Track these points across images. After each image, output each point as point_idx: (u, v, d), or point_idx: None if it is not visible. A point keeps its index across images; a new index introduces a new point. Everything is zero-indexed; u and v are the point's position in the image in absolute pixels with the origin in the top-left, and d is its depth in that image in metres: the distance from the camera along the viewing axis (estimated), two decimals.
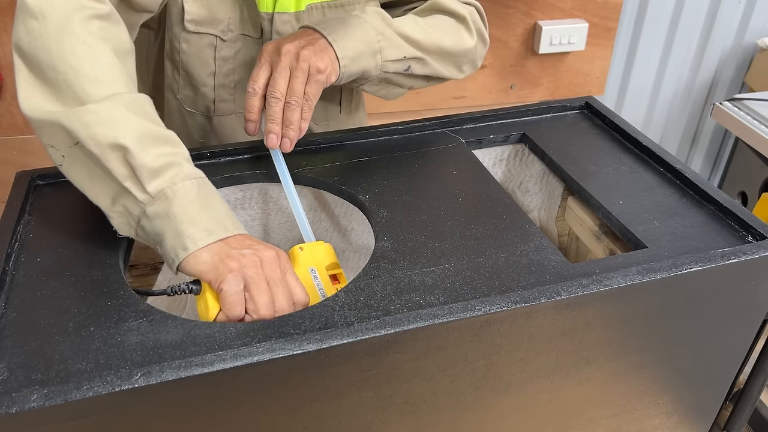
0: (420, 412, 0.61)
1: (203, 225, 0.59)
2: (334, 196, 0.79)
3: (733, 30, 1.97)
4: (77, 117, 0.60)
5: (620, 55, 1.95)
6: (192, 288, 0.60)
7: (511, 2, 1.72)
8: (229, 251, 0.59)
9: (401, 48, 0.81)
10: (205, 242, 0.59)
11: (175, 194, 0.60)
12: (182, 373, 0.50)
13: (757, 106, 1.61)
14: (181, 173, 0.61)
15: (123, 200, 0.61)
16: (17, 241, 0.66)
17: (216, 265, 0.58)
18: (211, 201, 0.62)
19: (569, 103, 0.94)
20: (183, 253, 0.59)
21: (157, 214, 0.60)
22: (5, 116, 1.54)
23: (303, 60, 0.73)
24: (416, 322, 0.55)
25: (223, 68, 0.86)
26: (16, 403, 0.48)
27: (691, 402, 0.76)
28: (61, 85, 0.61)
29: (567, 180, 0.80)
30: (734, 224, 0.70)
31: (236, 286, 0.57)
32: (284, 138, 0.74)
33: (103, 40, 0.64)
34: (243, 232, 0.62)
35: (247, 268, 0.58)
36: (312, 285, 0.66)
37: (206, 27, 0.82)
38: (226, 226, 0.61)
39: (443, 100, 1.82)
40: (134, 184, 0.60)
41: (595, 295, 0.60)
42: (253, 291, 0.58)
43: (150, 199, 0.60)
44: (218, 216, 0.61)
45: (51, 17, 0.62)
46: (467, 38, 0.88)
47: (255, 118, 0.75)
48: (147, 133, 0.61)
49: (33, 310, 0.57)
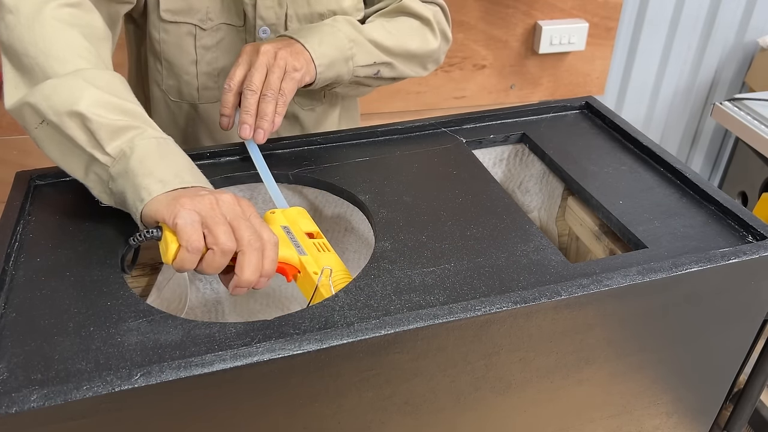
0: (420, 412, 0.61)
1: (159, 176, 0.60)
2: (334, 196, 0.79)
3: (734, 29, 1.97)
4: (39, 91, 0.63)
5: (620, 55, 1.95)
6: (153, 233, 0.58)
7: (511, 2, 1.72)
8: (184, 193, 0.59)
9: (371, 54, 0.85)
10: (159, 191, 0.59)
11: (132, 151, 0.61)
12: (182, 373, 0.50)
13: (757, 106, 1.61)
14: (143, 134, 0.63)
15: (92, 167, 0.63)
16: (17, 241, 0.66)
17: (168, 203, 0.58)
18: (171, 155, 0.63)
19: (569, 103, 0.94)
20: (140, 204, 0.60)
21: (119, 173, 0.61)
22: (5, 116, 1.54)
23: (280, 58, 0.76)
24: (416, 322, 0.55)
25: (205, 57, 0.87)
26: (16, 403, 0.47)
27: (691, 402, 0.76)
28: (33, 68, 0.64)
29: (567, 180, 0.80)
30: (734, 224, 0.70)
31: (190, 218, 0.57)
32: (258, 129, 0.75)
33: (72, 25, 0.67)
34: (204, 185, 0.63)
35: (201, 204, 0.58)
36: (288, 242, 0.65)
37: (183, 16, 0.84)
38: (184, 177, 0.62)
39: (443, 100, 1.82)
40: (95, 147, 0.62)
41: (595, 295, 0.60)
42: (210, 224, 0.57)
43: (111, 160, 0.61)
44: (176, 168, 0.62)
45: (23, 9, 0.66)
46: (431, 40, 0.92)
47: (229, 113, 0.77)
48: (105, 102, 0.63)
49: (33, 310, 0.57)
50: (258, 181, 0.79)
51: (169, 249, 0.57)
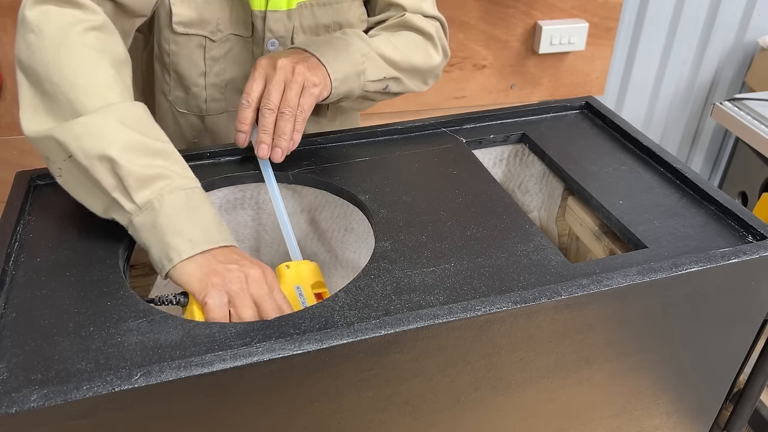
0: (420, 412, 0.61)
1: (188, 236, 0.60)
2: (334, 196, 0.79)
3: (734, 29, 1.97)
4: (68, 130, 0.61)
5: (620, 55, 1.95)
6: (179, 299, 0.61)
7: (511, 2, 1.72)
8: (215, 266, 0.60)
9: (381, 69, 0.84)
10: (188, 254, 0.59)
11: (162, 205, 0.60)
12: (182, 373, 0.50)
13: (757, 106, 1.61)
14: (172, 184, 0.62)
15: (114, 210, 0.62)
16: (17, 241, 0.66)
17: (200, 278, 0.59)
18: (199, 211, 0.62)
19: (569, 103, 0.94)
20: (168, 264, 0.60)
21: (144, 224, 0.60)
22: (5, 116, 1.53)
23: (298, 74, 0.74)
24: (416, 322, 0.55)
25: (213, 68, 0.86)
26: (16, 403, 0.47)
27: (691, 402, 0.76)
28: (58, 97, 0.62)
29: (567, 180, 0.80)
30: (734, 224, 0.70)
31: (220, 300, 0.58)
32: (275, 148, 0.74)
33: (100, 51, 0.65)
34: (230, 244, 0.63)
35: (231, 283, 0.59)
36: (297, 303, 0.66)
37: (195, 28, 0.83)
38: (212, 237, 0.61)
39: (443, 100, 1.82)
40: (122, 194, 0.61)
41: (595, 295, 0.60)
42: (237, 306, 0.59)
43: (137, 209, 0.60)
44: (205, 227, 0.62)
45: (48, 31, 0.63)
46: (434, 55, 0.92)
47: (246, 129, 0.75)
48: (136, 145, 0.61)
49: (33, 310, 0.57)
50: (257, 181, 0.79)
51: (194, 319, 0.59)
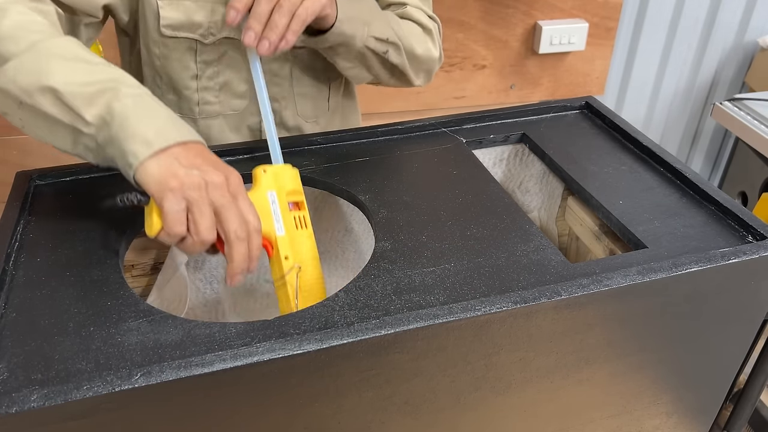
0: (420, 412, 0.61)
1: (142, 137, 0.59)
2: (334, 196, 0.79)
3: (734, 29, 1.97)
4: (4, 75, 0.61)
5: (620, 55, 1.95)
6: (140, 199, 0.60)
7: (511, 2, 1.72)
8: (176, 169, 0.58)
9: (387, 29, 0.84)
10: (145, 154, 0.58)
11: (113, 117, 0.60)
12: (182, 373, 0.50)
13: (757, 106, 1.62)
14: (117, 94, 0.61)
15: (80, 139, 0.62)
16: (17, 241, 0.66)
17: (159, 181, 0.58)
18: (150, 112, 0.61)
19: (569, 103, 0.94)
20: (130, 170, 0.59)
21: (106, 141, 0.60)
22: None
23: None
24: (416, 322, 0.55)
25: (206, 71, 0.86)
26: (16, 403, 0.48)
27: (691, 402, 0.76)
28: None
29: (567, 180, 0.80)
30: (734, 224, 0.70)
31: (178, 206, 0.57)
32: (264, 39, 0.70)
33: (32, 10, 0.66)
34: (191, 139, 0.61)
35: (189, 189, 0.58)
36: (268, 210, 0.65)
37: (184, 31, 0.82)
38: (168, 134, 0.60)
39: (443, 100, 1.82)
40: (75, 119, 0.60)
41: (595, 295, 0.60)
42: (194, 213, 0.58)
43: (95, 128, 0.60)
44: (159, 126, 0.61)
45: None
46: (433, 50, 0.92)
47: (240, 8, 0.71)
48: (72, 69, 0.61)
49: (33, 310, 0.57)
50: None
51: (153, 227, 0.59)
